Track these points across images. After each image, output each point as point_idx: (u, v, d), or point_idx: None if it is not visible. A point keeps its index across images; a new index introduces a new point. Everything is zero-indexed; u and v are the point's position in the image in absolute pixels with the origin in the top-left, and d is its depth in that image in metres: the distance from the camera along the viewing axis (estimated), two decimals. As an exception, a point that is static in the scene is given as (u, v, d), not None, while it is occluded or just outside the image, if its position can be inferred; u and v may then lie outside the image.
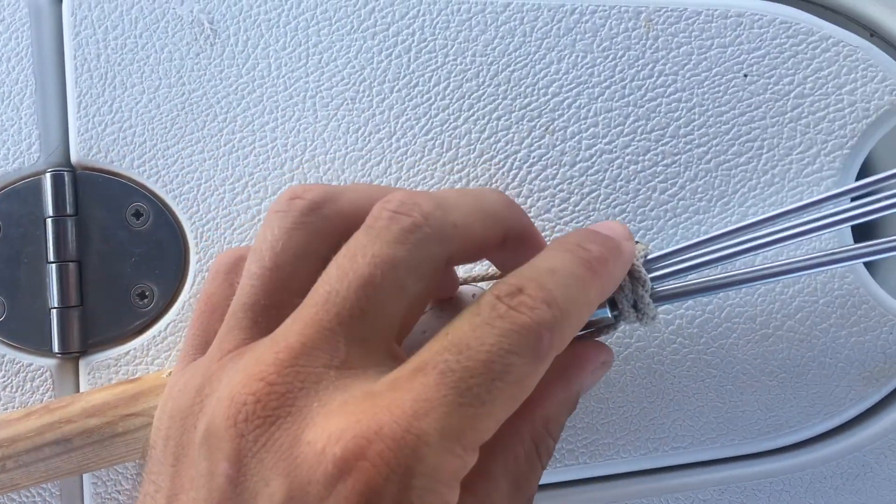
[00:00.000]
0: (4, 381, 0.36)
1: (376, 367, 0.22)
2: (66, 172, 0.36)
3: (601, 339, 0.29)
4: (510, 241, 0.26)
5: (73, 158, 0.36)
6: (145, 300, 0.36)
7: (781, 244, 0.27)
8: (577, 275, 0.23)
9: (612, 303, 0.28)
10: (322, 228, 0.24)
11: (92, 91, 0.36)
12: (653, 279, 0.28)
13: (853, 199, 0.27)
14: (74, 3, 0.36)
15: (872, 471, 0.33)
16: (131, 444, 0.31)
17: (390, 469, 0.19)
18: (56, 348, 0.36)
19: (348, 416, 0.20)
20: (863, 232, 0.34)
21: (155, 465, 0.25)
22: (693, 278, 0.28)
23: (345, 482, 0.19)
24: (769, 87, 0.33)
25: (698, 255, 0.28)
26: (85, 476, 0.36)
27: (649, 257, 0.29)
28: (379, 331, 0.22)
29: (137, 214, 0.36)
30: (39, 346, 0.36)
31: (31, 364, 0.36)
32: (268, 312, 0.24)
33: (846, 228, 0.33)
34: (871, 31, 0.34)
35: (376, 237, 0.23)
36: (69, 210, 0.36)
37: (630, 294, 0.28)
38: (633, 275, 0.28)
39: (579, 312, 0.23)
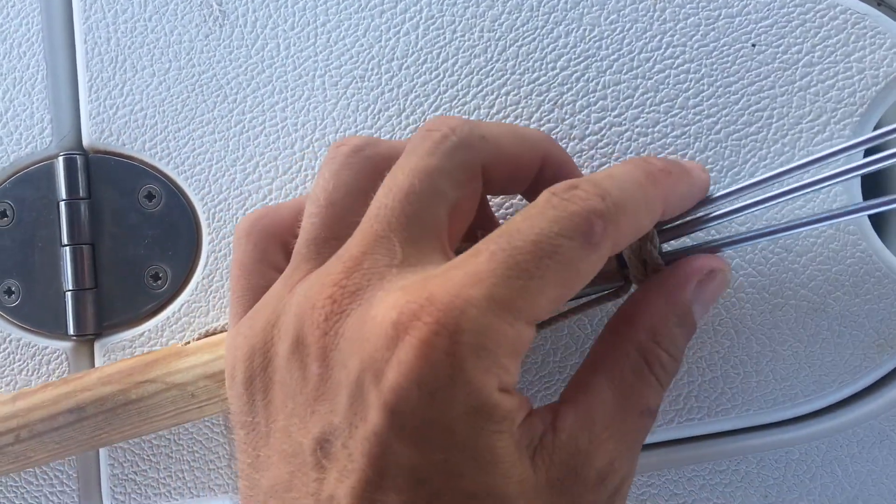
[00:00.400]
0: (21, 365, 0.37)
1: (433, 264, 0.24)
2: (78, 156, 0.36)
3: (613, 302, 0.30)
4: (548, 170, 0.29)
5: (86, 142, 0.36)
6: (159, 282, 0.36)
7: (789, 197, 0.27)
8: (635, 178, 0.25)
9: (622, 263, 0.28)
10: (365, 167, 0.27)
11: (103, 74, 0.36)
12: (661, 236, 0.28)
13: (867, 153, 0.27)
14: (84, -12, 0.36)
15: (889, 438, 0.33)
16: (144, 412, 0.32)
17: (440, 325, 0.21)
18: (71, 331, 0.36)
19: (406, 291, 0.22)
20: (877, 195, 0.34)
21: (247, 411, 0.26)
22: (701, 236, 0.29)
23: (402, 341, 0.21)
24: (777, 56, 0.33)
25: (706, 211, 0.28)
26: (102, 457, 0.36)
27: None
28: (428, 232, 0.25)
29: (150, 196, 0.36)
30: (55, 329, 0.37)
31: (46, 347, 0.37)
32: (328, 244, 0.26)
33: (857, 189, 0.33)
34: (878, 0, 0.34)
35: (412, 153, 0.26)
36: (82, 193, 0.36)
37: (638, 248, 0.28)
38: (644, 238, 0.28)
39: (636, 209, 0.25)
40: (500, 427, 0.22)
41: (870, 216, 0.33)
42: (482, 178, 0.27)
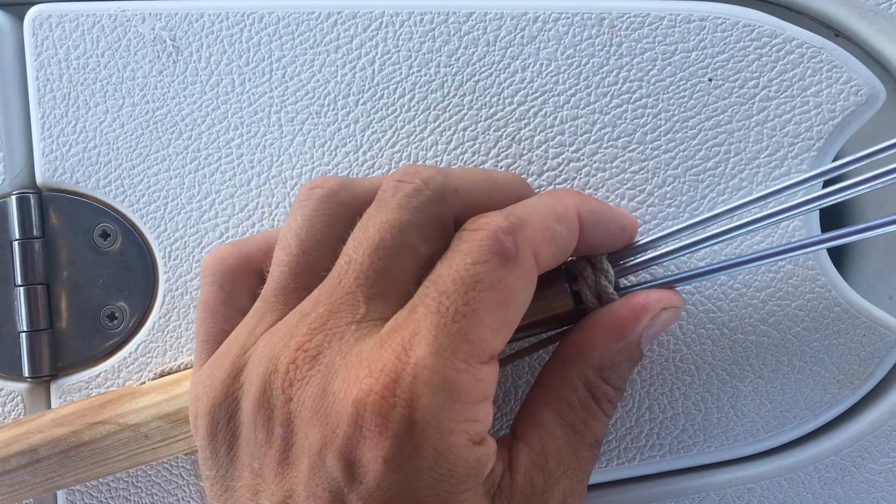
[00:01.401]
0: (-25, 407, 0.36)
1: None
2: (31, 194, 0.36)
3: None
4: None
5: (39, 180, 0.36)
6: (115, 321, 0.36)
7: (748, 229, 0.27)
8: (540, 197, 0.26)
9: (577, 297, 0.28)
10: (340, 213, 0.27)
11: (55, 111, 0.36)
12: (617, 272, 0.28)
13: (825, 185, 0.27)
14: (35, 24, 0.35)
15: (850, 475, 0.33)
16: (97, 454, 0.31)
17: (396, 397, 0.22)
18: (26, 372, 0.35)
19: (361, 363, 0.23)
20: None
21: (210, 464, 0.26)
22: (659, 272, 0.29)
23: (363, 418, 0.22)
24: (734, 90, 0.33)
25: (663, 246, 0.28)
26: (60, 501, 0.36)
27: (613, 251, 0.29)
28: (395, 286, 0.24)
29: (105, 235, 0.36)
30: (9, 370, 0.36)
31: (1, 389, 0.36)
32: (296, 294, 0.26)
33: (815, 223, 0.33)
34: (835, 31, 0.34)
35: (384, 206, 0.25)
36: (36, 232, 0.36)
37: (593, 285, 0.28)
38: (595, 266, 0.28)
39: (544, 218, 0.25)
40: (467, 485, 0.23)
41: (829, 251, 0.33)
42: (454, 228, 0.26)
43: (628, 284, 0.30)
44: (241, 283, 0.29)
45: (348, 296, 0.24)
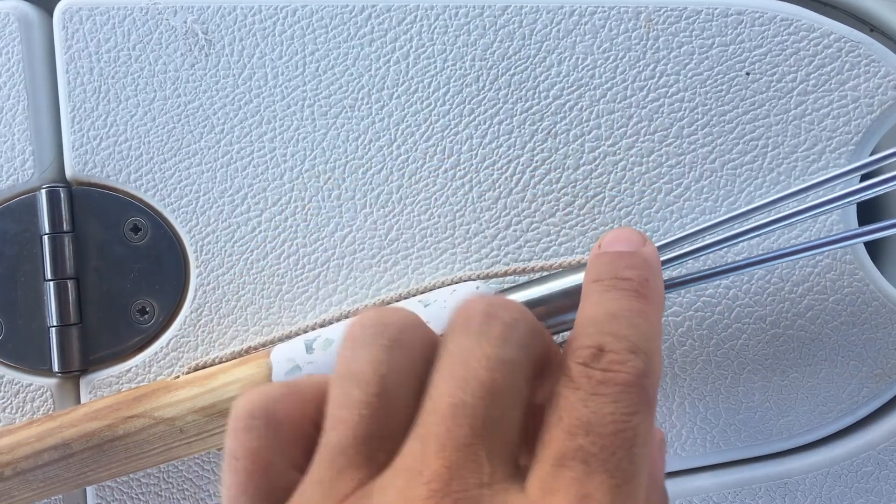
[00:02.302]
0: (4, 402, 0.36)
1: (516, 475, 0.21)
2: (61, 188, 0.35)
3: None
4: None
5: (69, 174, 0.36)
6: (146, 316, 0.36)
7: (786, 223, 0.27)
8: (635, 309, 0.24)
9: None
10: (419, 346, 0.23)
11: (85, 105, 0.35)
12: None
13: (863, 179, 0.27)
14: (65, 17, 0.35)
15: (888, 468, 0.33)
16: (131, 448, 0.31)
17: None
18: (56, 367, 0.35)
19: None
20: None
21: None
22: (694, 266, 0.29)
23: None
24: (772, 84, 0.33)
25: (698, 242, 0.28)
26: (89, 497, 0.36)
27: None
28: (510, 437, 0.21)
29: (136, 229, 0.36)
30: (39, 365, 0.36)
31: (30, 384, 0.36)
32: (384, 444, 0.21)
33: (853, 217, 0.33)
34: (871, 27, 0.34)
35: (481, 337, 0.22)
36: (66, 226, 0.35)
37: None
38: None
39: (657, 344, 0.23)
40: None
41: (866, 246, 0.33)
42: None
43: (667, 281, 0.29)
44: (299, 433, 0.23)
45: (465, 448, 0.20)
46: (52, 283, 0.35)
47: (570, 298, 0.28)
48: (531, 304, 0.29)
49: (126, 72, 0.35)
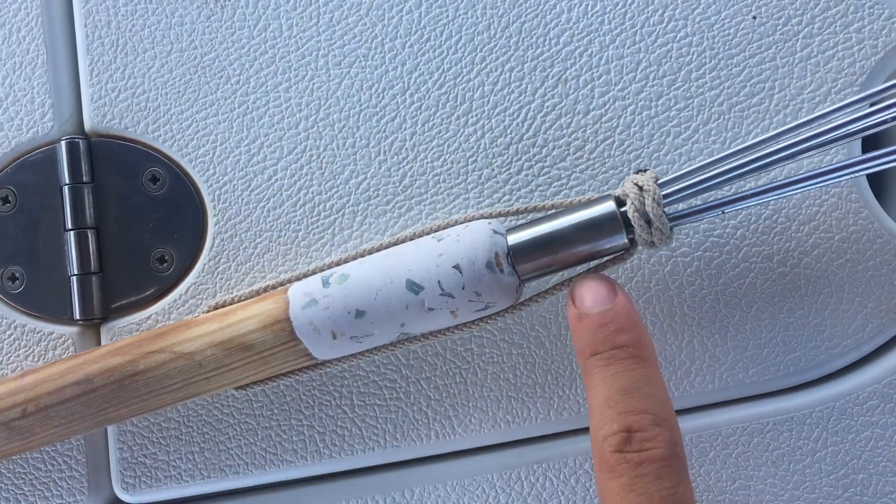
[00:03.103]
0: (27, 351, 0.36)
1: None
2: (80, 140, 0.36)
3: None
4: None
5: (88, 126, 0.36)
6: (165, 264, 0.36)
7: (790, 151, 0.28)
8: (642, 378, 0.27)
9: (628, 226, 0.29)
10: None
11: (104, 58, 0.36)
12: (666, 201, 0.29)
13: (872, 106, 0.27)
14: (83, -29, 0.36)
15: (893, 402, 0.33)
16: (151, 384, 0.32)
17: None
18: (77, 315, 0.36)
19: None
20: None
21: None
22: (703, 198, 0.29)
23: None
24: (778, 28, 0.33)
25: (708, 174, 0.29)
26: (111, 441, 0.36)
27: (660, 181, 0.29)
28: None
29: (154, 179, 0.36)
30: (60, 314, 0.36)
31: (52, 332, 0.36)
32: None
33: (857, 152, 0.34)
34: (876, -28, 0.35)
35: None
36: (85, 177, 0.36)
37: (640, 206, 0.28)
38: (642, 188, 0.28)
39: (670, 401, 0.27)
40: None
41: (871, 184, 0.33)
42: None
43: (677, 212, 0.30)
44: None
45: None
46: (72, 232, 0.36)
47: (583, 233, 0.29)
48: (544, 239, 0.29)
49: (143, 25, 0.36)
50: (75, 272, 0.36)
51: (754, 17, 0.33)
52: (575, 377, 0.35)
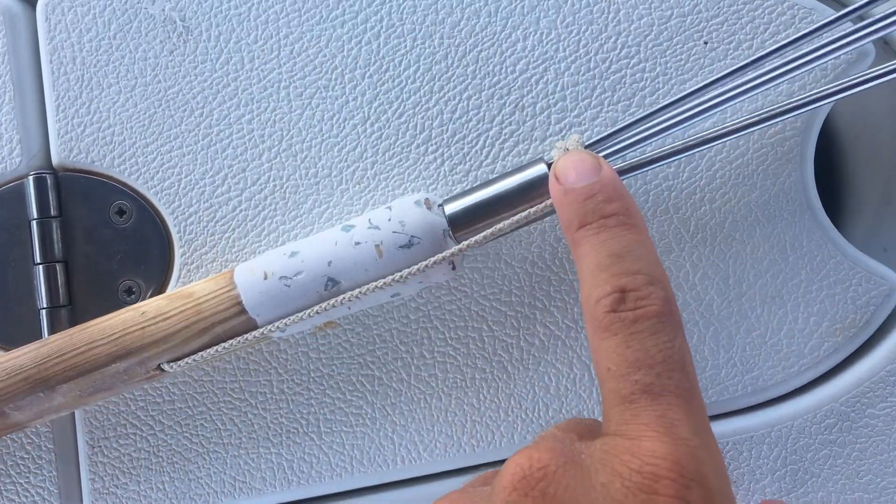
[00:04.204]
0: (-2, 384, 0.37)
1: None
2: (48, 175, 0.36)
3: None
4: None
5: (55, 161, 0.37)
6: (133, 295, 0.37)
7: (704, 109, 0.30)
8: (633, 241, 0.26)
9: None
10: None
11: (69, 93, 0.36)
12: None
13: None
14: (48, 9, 0.36)
15: (850, 420, 0.34)
16: (94, 335, 0.33)
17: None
18: (47, 348, 0.36)
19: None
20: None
21: None
22: (634, 156, 0.31)
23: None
24: (729, 52, 0.34)
25: (637, 132, 0.31)
26: (83, 471, 0.37)
27: (586, 143, 0.31)
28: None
29: (121, 212, 0.37)
30: (30, 346, 0.37)
31: (23, 365, 0.37)
32: None
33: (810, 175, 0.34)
34: (825, -6, 0.35)
35: None
36: (53, 212, 0.37)
37: None
38: (570, 151, 0.30)
39: (661, 263, 0.26)
40: None
41: (825, 206, 0.34)
42: None
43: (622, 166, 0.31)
44: None
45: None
46: (41, 266, 0.36)
47: (518, 195, 0.31)
48: (486, 202, 0.31)
49: (107, 60, 0.36)
50: (44, 305, 0.36)
51: (706, 43, 0.34)
52: (538, 401, 0.35)
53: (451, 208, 0.32)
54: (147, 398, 0.37)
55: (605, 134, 0.32)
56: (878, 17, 0.31)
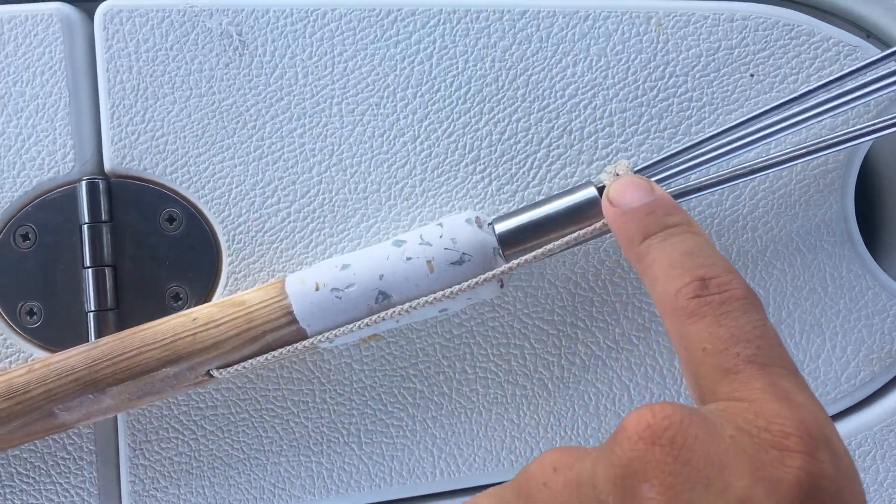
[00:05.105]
0: (42, 384, 0.37)
1: None
2: (100, 180, 0.37)
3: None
4: None
5: (107, 167, 0.37)
6: (179, 301, 0.37)
7: (752, 140, 0.31)
8: (703, 243, 0.27)
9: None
10: None
11: (124, 102, 0.37)
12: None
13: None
14: (106, 19, 0.37)
15: (884, 447, 0.35)
16: (146, 339, 0.34)
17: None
18: (93, 351, 0.37)
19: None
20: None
21: None
22: (679, 183, 0.32)
23: None
24: (775, 85, 0.35)
25: (681, 160, 0.32)
26: (123, 474, 0.37)
27: (635, 169, 0.32)
28: None
29: (171, 219, 0.38)
30: (77, 349, 0.37)
31: (68, 367, 0.37)
32: None
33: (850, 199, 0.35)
34: (867, 32, 0.36)
35: None
36: (104, 217, 0.37)
37: None
38: (620, 177, 0.31)
39: (725, 256, 0.26)
40: None
41: (864, 237, 0.35)
42: None
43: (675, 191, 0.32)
44: None
45: None
46: (90, 270, 0.37)
47: (567, 217, 0.32)
48: (536, 223, 0.32)
49: (163, 70, 0.37)
50: (92, 308, 0.37)
51: (752, 76, 0.35)
52: (577, 419, 0.36)
53: (501, 227, 0.32)
54: (190, 403, 0.37)
55: (653, 161, 0.33)
56: (920, 56, 0.32)
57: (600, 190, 0.31)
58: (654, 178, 0.32)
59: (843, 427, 0.35)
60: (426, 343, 0.36)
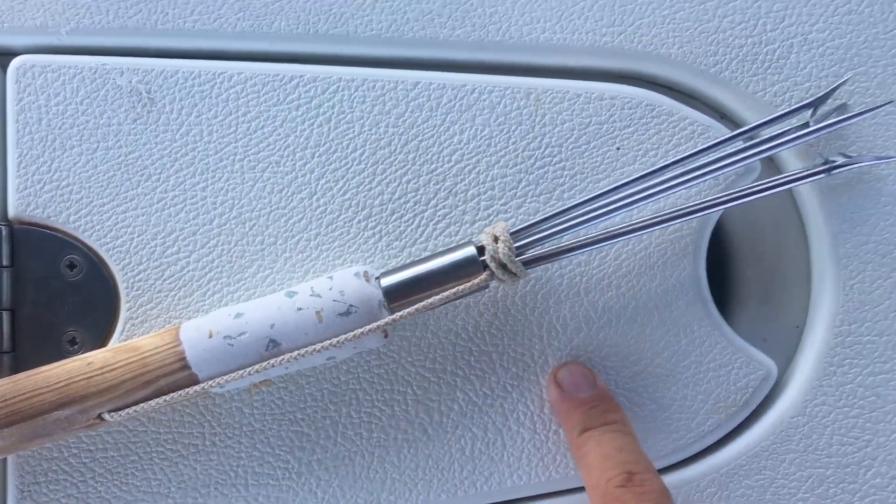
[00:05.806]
0: (-68, 425, 0.38)
1: None
2: (3, 226, 0.38)
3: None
4: None
5: (11, 213, 0.39)
6: (76, 346, 0.39)
7: (626, 207, 0.35)
8: (631, 443, 0.34)
9: (484, 266, 0.34)
10: None
11: (32, 152, 0.39)
12: (518, 247, 0.35)
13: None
14: (19, 72, 0.39)
15: (728, 489, 0.38)
16: (38, 383, 0.34)
17: None
18: (-14, 392, 0.38)
19: None
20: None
21: None
22: (552, 244, 0.36)
23: None
24: (638, 158, 0.39)
25: (556, 223, 0.36)
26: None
27: (512, 231, 0.35)
28: None
29: (71, 266, 0.39)
30: (-31, 390, 0.38)
31: (-41, 408, 0.38)
32: None
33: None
34: (720, 114, 0.41)
35: None
36: (5, 262, 0.38)
37: (496, 254, 0.34)
38: (498, 240, 0.34)
39: (646, 454, 0.34)
40: None
41: (714, 298, 0.39)
42: None
43: (532, 256, 0.35)
44: None
45: None
46: (-12, 313, 0.38)
47: (448, 273, 0.35)
48: (419, 278, 0.35)
49: (73, 123, 0.39)
50: (-12, 351, 0.38)
51: (618, 148, 0.39)
52: (454, 462, 0.38)
53: (386, 281, 0.35)
54: (80, 445, 0.38)
55: (529, 223, 0.36)
56: (764, 137, 0.36)
57: (479, 249, 0.34)
58: (528, 240, 0.35)
59: (693, 471, 0.38)
60: (315, 388, 0.38)
